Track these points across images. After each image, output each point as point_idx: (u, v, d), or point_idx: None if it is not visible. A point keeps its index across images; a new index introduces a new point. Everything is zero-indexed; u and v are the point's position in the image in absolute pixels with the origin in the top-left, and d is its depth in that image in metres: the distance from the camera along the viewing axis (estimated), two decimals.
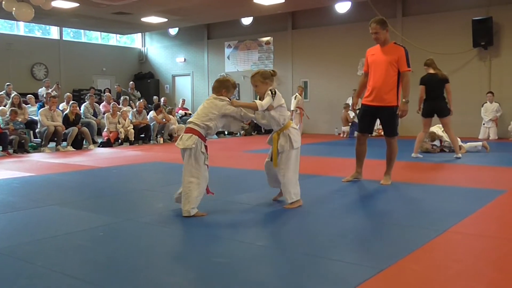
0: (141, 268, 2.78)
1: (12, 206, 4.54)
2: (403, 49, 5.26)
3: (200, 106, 4.21)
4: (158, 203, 4.75)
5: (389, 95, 5.24)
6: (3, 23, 15.88)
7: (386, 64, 5.23)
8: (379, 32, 5.27)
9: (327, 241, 3.34)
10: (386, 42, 5.33)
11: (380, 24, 5.27)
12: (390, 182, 5.44)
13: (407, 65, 5.19)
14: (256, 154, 9.24)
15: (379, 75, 5.28)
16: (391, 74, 5.22)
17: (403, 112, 5.25)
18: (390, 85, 5.23)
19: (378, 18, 5.43)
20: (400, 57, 5.19)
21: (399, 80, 5.24)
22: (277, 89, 4.29)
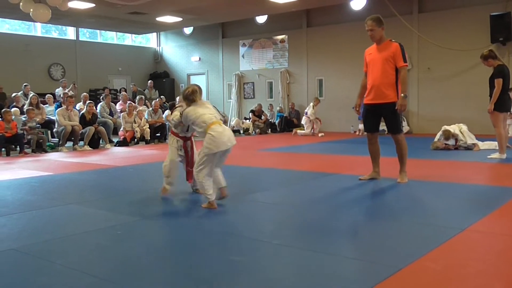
0: (159, 267, 2.79)
1: (31, 205, 4.60)
2: (397, 44, 5.23)
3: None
4: (175, 201, 4.77)
5: (389, 91, 5.22)
6: (20, 24, 16.09)
7: (382, 61, 5.24)
8: (374, 29, 5.28)
9: (344, 239, 3.32)
10: (382, 40, 5.34)
11: (376, 22, 5.28)
12: (407, 179, 5.38)
13: (403, 60, 5.16)
14: (271, 153, 9.23)
15: (377, 72, 5.29)
16: (388, 71, 5.21)
17: (401, 106, 5.15)
18: (388, 82, 5.22)
19: (374, 15, 5.41)
20: (395, 53, 5.17)
21: (398, 76, 5.20)
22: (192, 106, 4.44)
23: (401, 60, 5.16)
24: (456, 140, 8.66)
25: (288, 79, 16.32)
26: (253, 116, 15.24)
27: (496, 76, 6.96)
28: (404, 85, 5.17)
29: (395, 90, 5.22)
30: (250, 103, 17.02)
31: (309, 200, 4.76)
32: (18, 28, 16.12)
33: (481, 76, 12.33)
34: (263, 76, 17.03)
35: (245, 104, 17.39)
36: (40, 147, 9.89)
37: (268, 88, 17.00)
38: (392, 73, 5.21)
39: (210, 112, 4.43)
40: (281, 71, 16.34)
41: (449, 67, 13.05)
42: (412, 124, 13.73)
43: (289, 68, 16.26)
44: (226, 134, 4.32)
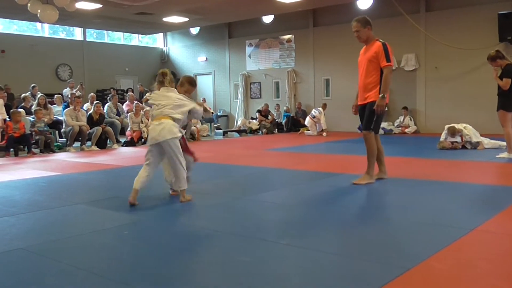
0: (166, 267, 2.79)
1: (39, 205, 4.62)
2: (380, 44, 5.14)
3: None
4: (181, 202, 4.76)
5: (372, 92, 5.15)
6: (28, 25, 16.18)
7: (366, 62, 5.19)
8: (359, 30, 5.24)
9: (352, 239, 3.31)
10: (369, 40, 5.27)
11: (361, 23, 5.23)
12: (365, 182, 5.22)
13: (386, 60, 5.05)
14: (278, 153, 9.22)
15: (361, 74, 5.28)
16: (371, 72, 5.15)
17: (378, 107, 5.05)
18: (371, 83, 5.16)
19: (359, 16, 5.36)
20: (378, 53, 5.09)
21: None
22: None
23: (384, 59, 5.06)
24: (461, 137, 8.61)
25: (295, 79, 16.30)
26: (260, 116, 15.24)
27: (505, 75, 6.94)
28: (385, 85, 5.06)
29: (377, 90, 5.13)
30: (256, 103, 17.02)
31: (316, 200, 4.75)
32: (26, 29, 16.22)
33: (489, 75, 12.26)
34: (269, 76, 17.03)
35: (252, 104, 17.39)
36: (48, 147, 9.94)
37: (274, 88, 16.99)
38: (375, 73, 5.13)
39: (163, 105, 4.48)
40: (288, 71, 16.32)
41: (457, 66, 12.98)
42: (419, 123, 13.68)
43: (295, 67, 16.24)
44: (156, 130, 4.41)
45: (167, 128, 4.40)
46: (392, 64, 5.14)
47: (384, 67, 5.07)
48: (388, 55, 5.07)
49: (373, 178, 5.33)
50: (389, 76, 5.08)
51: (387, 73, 5.07)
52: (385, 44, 5.13)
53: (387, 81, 5.07)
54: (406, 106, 13.60)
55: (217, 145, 11.74)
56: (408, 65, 13.75)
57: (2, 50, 15.06)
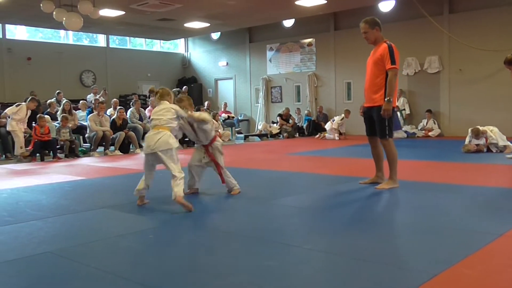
0: (192, 271, 2.80)
1: (65, 209, 4.70)
2: (386, 45, 5.08)
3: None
4: (205, 206, 4.79)
5: (378, 95, 5.10)
6: (53, 33, 16.50)
7: (372, 64, 5.17)
8: (367, 31, 5.19)
9: (376, 244, 3.26)
10: (377, 41, 5.22)
11: (369, 24, 5.18)
12: (388, 187, 5.16)
13: (391, 62, 4.98)
14: (299, 157, 9.19)
15: (367, 76, 5.25)
16: (377, 74, 5.11)
17: (384, 112, 4.99)
18: (377, 85, 5.11)
19: (368, 18, 5.31)
20: (383, 55, 5.04)
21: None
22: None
23: (388, 62, 5.00)
24: (486, 139, 8.46)
25: (316, 83, 16.25)
26: (281, 120, 15.22)
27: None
28: (390, 89, 4.99)
29: (383, 93, 5.08)
30: (277, 107, 17.01)
31: (339, 204, 4.72)
32: (50, 36, 16.54)
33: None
34: (290, 80, 17.01)
35: (273, 108, 17.40)
36: (72, 152, 10.10)
37: (295, 91, 16.97)
38: (380, 75, 5.08)
39: (158, 116, 4.65)
40: (309, 75, 16.29)
41: (482, 69, 12.77)
42: (443, 126, 13.48)
43: (316, 71, 16.19)
44: (153, 139, 4.52)
45: (163, 139, 4.51)
46: (397, 66, 5.05)
47: (389, 70, 5.01)
48: (393, 57, 5.00)
49: (397, 183, 5.25)
50: (393, 79, 5.01)
51: (392, 76, 5.00)
52: (391, 46, 5.07)
53: (392, 84, 5.00)
54: (430, 109, 13.43)
55: (238, 149, 11.76)
56: (431, 67, 13.58)
57: (28, 57, 15.38)
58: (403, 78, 14.07)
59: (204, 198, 5.22)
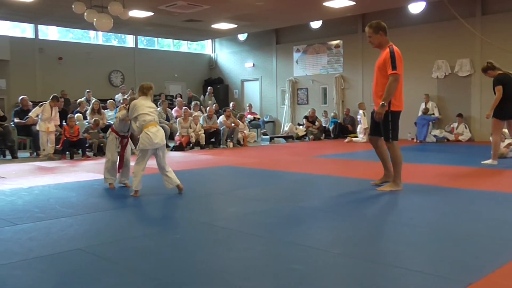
0: (219, 272, 2.80)
1: (94, 207, 4.76)
2: (388, 50, 5.11)
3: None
4: (231, 207, 4.79)
5: (380, 101, 5.13)
6: (83, 33, 16.80)
7: (376, 68, 5.25)
8: (371, 36, 5.26)
9: (406, 250, 3.20)
10: (381, 46, 5.26)
11: (373, 28, 5.24)
12: (390, 189, 5.22)
13: (392, 67, 5.01)
14: (325, 159, 9.12)
15: (373, 80, 5.34)
16: (380, 78, 5.17)
17: (377, 115, 5.09)
18: (381, 89, 5.15)
19: (373, 22, 5.36)
20: (385, 60, 5.09)
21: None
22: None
23: (390, 67, 5.03)
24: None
25: (343, 85, 16.12)
26: (307, 122, 15.15)
27: (495, 84, 7.31)
28: (387, 94, 5.03)
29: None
30: (303, 108, 16.93)
31: (366, 208, 4.66)
32: (81, 37, 16.84)
33: None
34: (317, 81, 16.91)
35: (299, 110, 17.32)
36: (101, 151, 10.24)
37: (322, 93, 16.86)
38: (384, 81, 5.12)
39: (151, 112, 5.18)
40: (336, 77, 16.16)
41: None
42: (474, 131, 13.19)
43: (343, 73, 16.06)
44: (158, 135, 5.09)
45: (163, 134, 5.20)
46: (398, 72, 5.04)
47: (390, 75, 5.03)
48: (394, 63, 5.02)
49: (400, 186, 5.30)
50: (393, 85, 5.02)
51: (391, 81, 5.02)
52: (393, 51, 5.08)
53: (390, 89, 5.02)
54: (460, 113, 13.15)
55: (264, 151, 11.75)
56: (462, 70, 13.30)
57: (60, 57, 15.69)
58: (433, 82, 13.83)
59: (228, 199, 5.23)
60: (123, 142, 5.81)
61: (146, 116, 5.13)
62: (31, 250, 3.24)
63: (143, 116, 5.14)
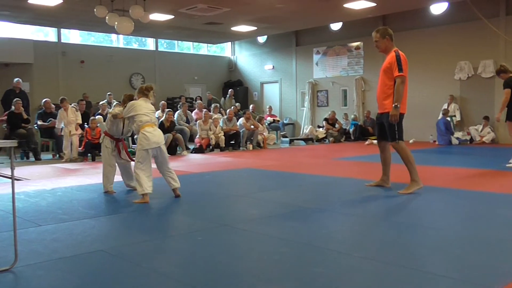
0: (240, 274, 2.79)
1: (116, 209, 4.80)
2: (394, 54, 5.26)
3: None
4: (252, 209, 4.78)
5: (387, 102, 5.28)
6: (104, 37, 17.01)
7: (382, 72, 5.35)
8: (378, 40, 5.43)
9: (430, 254, 3.15)
10: (387, 50, 5.40)
11: (380, 33, 5.43)
12: (412, 190, 5.28)
13: (398, 70, 5.15)
14: (346, 162, 9.05)
15: (378, 84, 5.47)
16: (385, 81, 5.29)
17: (392, 117, 5.20)
18: (386, 92, 5.29)
19: (380, 27, 5.60)
20: (391, 63, 5.22)
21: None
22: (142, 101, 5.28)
23: (396, 69, 5.17)
24: None
25: (363, 87, 16.00)
26: (327, 124, 15.06)
27: (504, 87, 7.55)
28: (398, 95, 5.17)
29: (391, 100, 5.26)
30: (323, 111, 16.85)
31: (388, 211, 4.60)
32: (102, 40, 17.05)
33: None
34: (337, 83, 16.81)
35: (319, 112, 17.24)
36: None
37: (342, 96, 16.75)
38: (389, 83, 5.26)
39: (149, 113, 5.19)
40: (356, 79, 16.05)
41: None
42: (498, 133, 12.94)
43: (364, 75, 15.94)
44: (155, 135, 5.09)
45: (162, 134, 5.21)
46: (405, 74, 5.19)
47: (396, 77, 5.17)
48: (400, 65, 5.16)
49: (420, 184, 5.33)
50: (401, 86, 5.16)
51: (399, 83, 5.16)
52: (398, 55, 5.24)
53: (399, 90, 5.16)
54: (487, 115, 12.89)
55: (283, 153, 11.72)
56: (485, 72, 13.08)
57: (82, 60, 15.91)
58: (455, 83, 13.63)
59: (249, 201, 5.21)
60: (118, 145, 5.68)
61: (143, 117, 5.12)
62: (55, 250, 3.27)
63: (140, 117, 5.12)
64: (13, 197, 2.94)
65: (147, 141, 5.03)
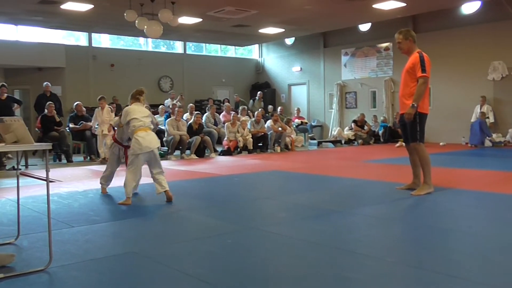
0: (270, 278, 2.77)
1: (146, 210, 4.85)
2: (418, 54, 5.27)
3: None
4: (281, 212, 4.75)
5: (409, 102, 5.25)
6: (133, 41, 17.26)
7: (405, 72, 5.37)
8: (401, 42, 5.46)
9: (465, 260, 3.06)
10: (410, 51, 5.42)
11: (403, 34, 5.45)
12: (424, 192, 5.28)
13: (421, 71, 5.16)
14: (376, 164, 8.93)
15: (401, 84, 5.46)
16: (408, 82, 5.30)
17: (407, 115, 5.23)
18: (408, 93, 5.29)
19: (403, 29, 5.59)
20: (415, 64, 5.23)
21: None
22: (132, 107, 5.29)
23: (419, 70, 5.18)
24: None
25: (393, 88, 15.77)
26: (356, 126, 14.91)
27: None
28: (417, 95, 5.18)
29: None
30: (352, 112, 16.69)
31: (420, 214, 4.51)
32: (131, 44, 17.31)
33: None
34: (366, 85, 16.63)
35: (347, 114, 17.09)
36: None
37: (371, 97, 16.55)
38: (412, 84, 5.27)
39: (142, 118, 5.17)
40: (385, 80, 15.84)
41: None
42: None
43: (393, 76, 15.71)
44: (147, 139, 5.05)
45: (155, 138, 5.15)
46: (428, 75, 5.20)
47: (419, 78, 5.18)
48: (424, 66, 5.18)
49: (432, 188, 5.35)
50: (422, 87, 5.17)
51: (421, 83, 5.17)
52: (422, 56, 5.25)
53: (420, 91, 5.17)
54: None
55: (312, 155, 11.65)
56: None
57: (112, 64, 16.19)
58: (489, 84, 13.30)
59: (278, 204, 5.19)
60: (127, 152, 5.59)
61: (136, 121, 5.14)
62: (87, 252, 3.32)
63: (133, 121, 5.16)
64: (48, 199, 2.99)
65: (139, 146, 5.05)
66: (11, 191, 6.07)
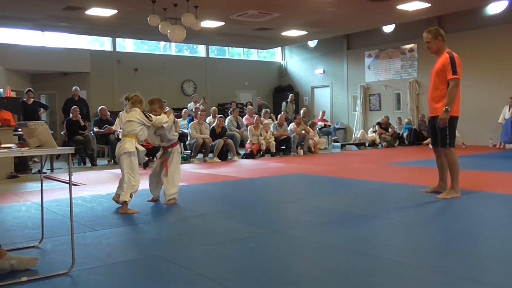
0: (292, 282, 2.73)
1: (169, 214, 4.85)
2: (448, 56, 5.09)
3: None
4: (305, 216, 4.71)
5: (439, 105, 5.13)
6: (157, 45, 17.44)
7: (434, 74, 5.22)
8: (430, 41, 5.28)
9: (492, 265, 2.97)
10: (440, 51, 5.25)
11: (432, 34, 5.28)
12: (450, 196, 5.18)
13: (452, 73, 5.00)
14: (401, 167, 8.79)
15: (430, 86, 5.32)
16: (438, 84, 5.15)
17: (440, 120, 5.06)
18: (438, 95, 5.15)
19: (432, 28, 5.42)
20: (445, 65, 5.07)
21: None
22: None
23: (450, 72, 5.02)
24: None
25: (418, 90, 15.54)
26: (380, 129, 14.73)
27: None
28: (450, 98, 5.02)
29: (444, 104, 5.10)
30: (376, 115, 16.51)
31: (446, 218, 4.41)
32: (155, 48, 17.49)
33: None
34: (390, 87, 16.43)
35: (371, 116, 16.90)
36: None
37: (395, 99, 16.34)
38: (442, 86, 5.11)
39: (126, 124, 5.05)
40: (410, 82, 15.62)
41: None
42: None
43: (418, 78, 15.48)
44: (118, 147, 5.04)
45: (123, 145, 4.99)
46: (459, 77, 5.03)
47: (450, 80, 5.02)
48: (455, 67, 5.01)
49: (459, 193, 5.24)
50: (454, 89, 5.01)
51: (452, 86, 5.01)
52: (452, 56, 5.08)
53: (452, 94, 5.02)
54: None
55: (335, 158, 11.55)
56: None
57: (135, 68, 16.38)
58: None
59: (301, 208, 5.13)
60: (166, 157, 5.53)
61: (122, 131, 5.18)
62: (110, 255, 3.33)
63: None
64: (71, 202, 3.01)
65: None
66: (36, 194, 6.17)
